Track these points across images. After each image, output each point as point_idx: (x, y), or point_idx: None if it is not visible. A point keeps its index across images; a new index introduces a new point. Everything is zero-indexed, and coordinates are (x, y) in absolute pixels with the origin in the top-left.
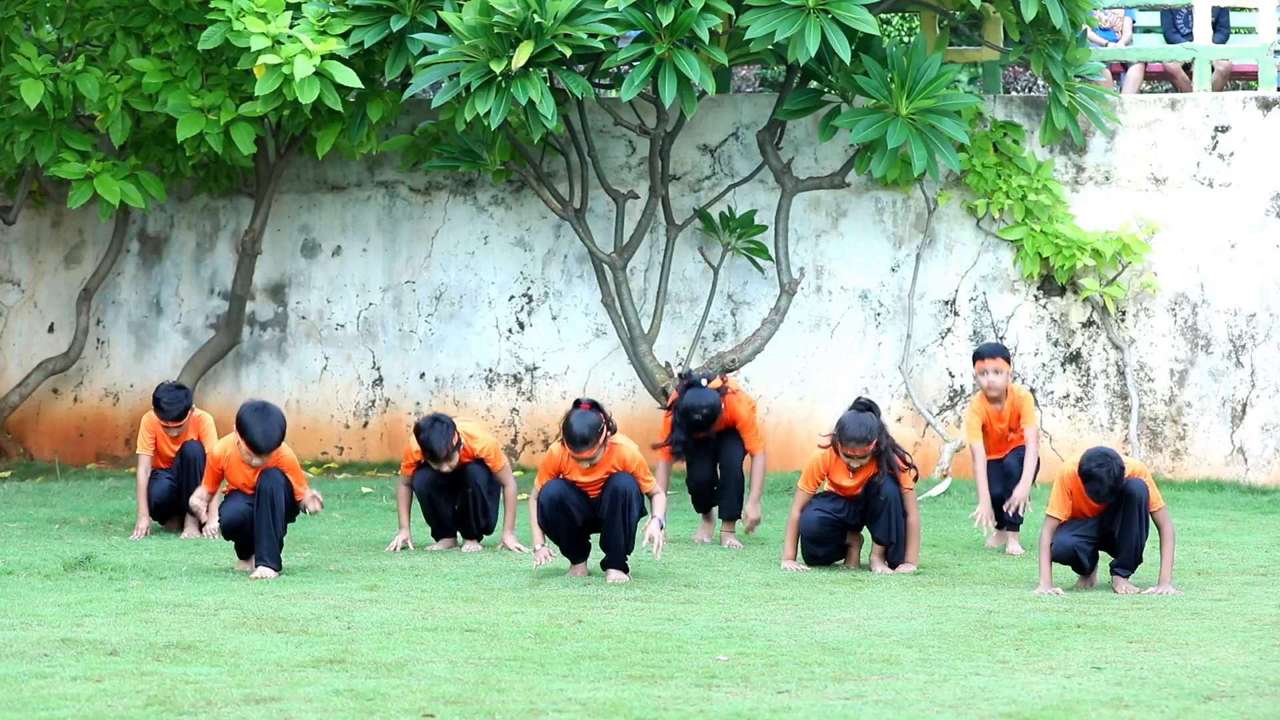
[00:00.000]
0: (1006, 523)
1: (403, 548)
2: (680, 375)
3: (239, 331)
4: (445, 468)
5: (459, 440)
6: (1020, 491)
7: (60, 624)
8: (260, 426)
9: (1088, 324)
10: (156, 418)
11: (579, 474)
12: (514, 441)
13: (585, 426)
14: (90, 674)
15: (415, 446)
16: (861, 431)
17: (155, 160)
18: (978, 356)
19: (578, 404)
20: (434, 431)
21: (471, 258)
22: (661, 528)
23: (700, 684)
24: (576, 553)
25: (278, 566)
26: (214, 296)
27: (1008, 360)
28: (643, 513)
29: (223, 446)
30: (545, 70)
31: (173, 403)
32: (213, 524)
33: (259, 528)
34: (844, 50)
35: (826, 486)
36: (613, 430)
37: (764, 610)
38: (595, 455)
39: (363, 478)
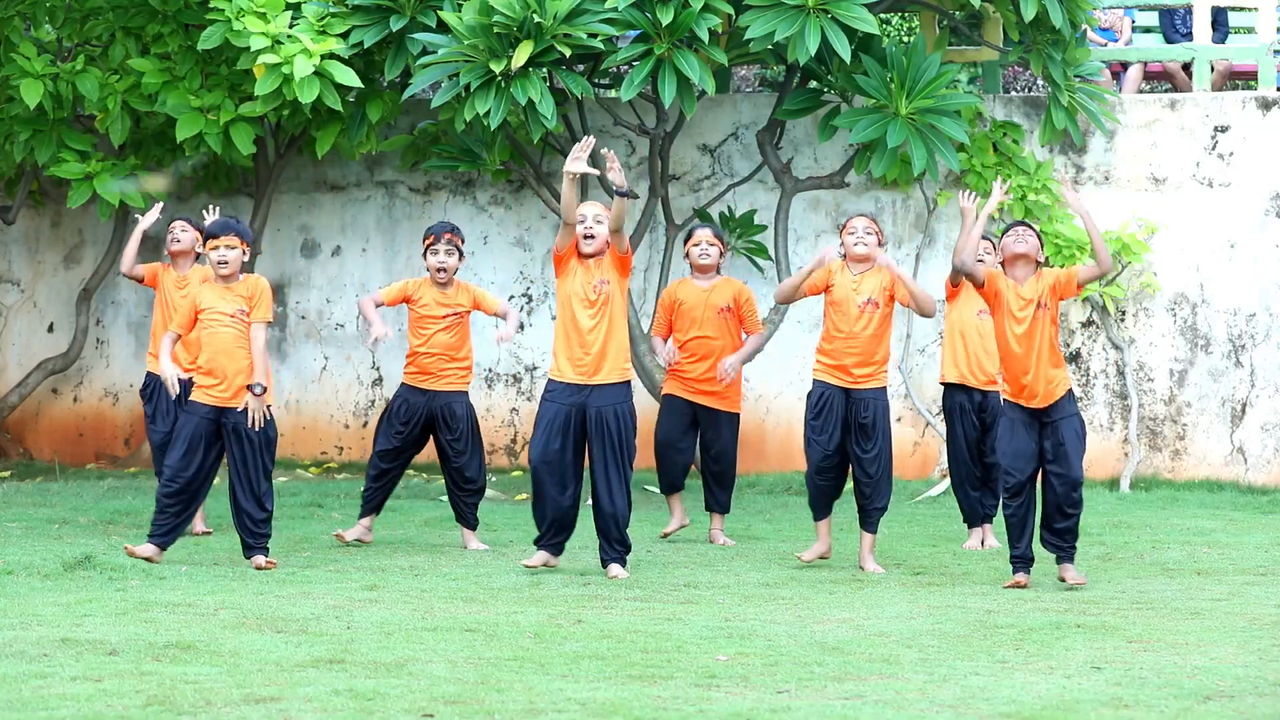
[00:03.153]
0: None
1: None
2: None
3: None
4: (443, 252)
5: (461, 253)
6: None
7: (60, 624)
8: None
9: (1087, 324)
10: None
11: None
12: (513, 441)
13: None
14: (90, 674)
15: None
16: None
17: (155, 160)
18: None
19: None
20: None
21: (471, 258)
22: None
23: (700, 684)
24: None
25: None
26: None
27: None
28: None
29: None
30: (545, 70)
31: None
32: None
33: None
34: (844, 50)
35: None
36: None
37: (764, 610)
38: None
39: (362, 478)
